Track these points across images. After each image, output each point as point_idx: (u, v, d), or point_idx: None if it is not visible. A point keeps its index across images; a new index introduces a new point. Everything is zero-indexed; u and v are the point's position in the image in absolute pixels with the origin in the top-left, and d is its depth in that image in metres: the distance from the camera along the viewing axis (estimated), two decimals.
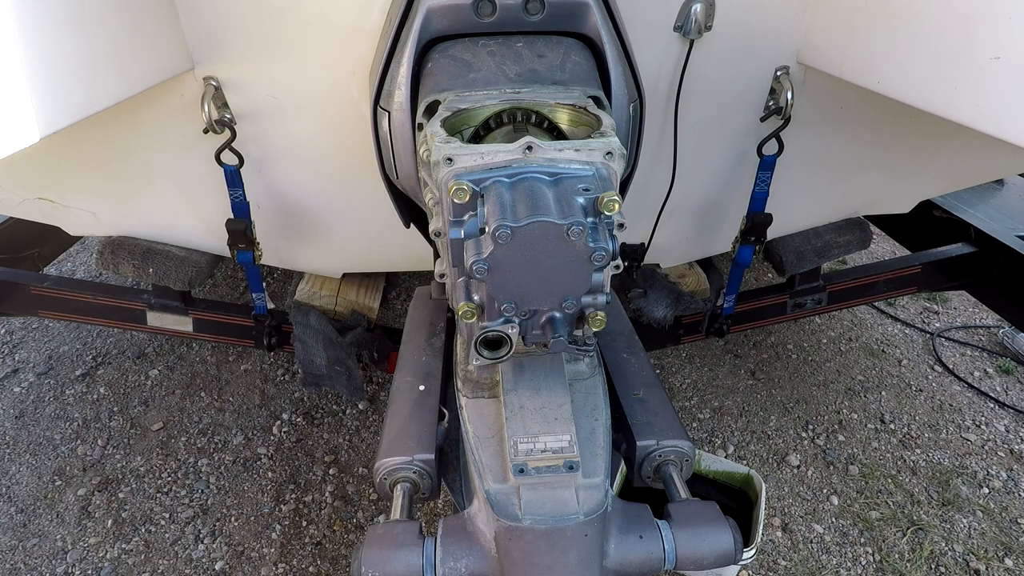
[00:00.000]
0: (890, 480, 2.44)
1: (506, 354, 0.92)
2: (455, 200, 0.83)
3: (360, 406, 2.72)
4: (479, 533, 0.91)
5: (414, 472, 1.05)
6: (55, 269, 3.57)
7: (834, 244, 2.19)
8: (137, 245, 1.98)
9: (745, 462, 2.43)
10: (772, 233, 2.01)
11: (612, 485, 0.96)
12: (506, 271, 0.81)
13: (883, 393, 2.85)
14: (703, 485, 2.08)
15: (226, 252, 1.89)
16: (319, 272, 2.27)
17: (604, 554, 0.91)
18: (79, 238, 2.74)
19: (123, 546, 2.17)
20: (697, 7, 1.48)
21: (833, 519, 2.29)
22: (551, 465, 0.90)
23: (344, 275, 2.28)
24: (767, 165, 1.78)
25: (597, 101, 1.04)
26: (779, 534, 2.24)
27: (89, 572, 2.10)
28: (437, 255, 1.09)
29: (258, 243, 1.86)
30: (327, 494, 2.35)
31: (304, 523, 2.25)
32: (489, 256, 0.80)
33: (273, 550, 2.16)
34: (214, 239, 1.94)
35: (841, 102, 1.73)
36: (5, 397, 2.76)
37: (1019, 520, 2.29)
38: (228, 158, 1.64)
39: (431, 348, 1.31)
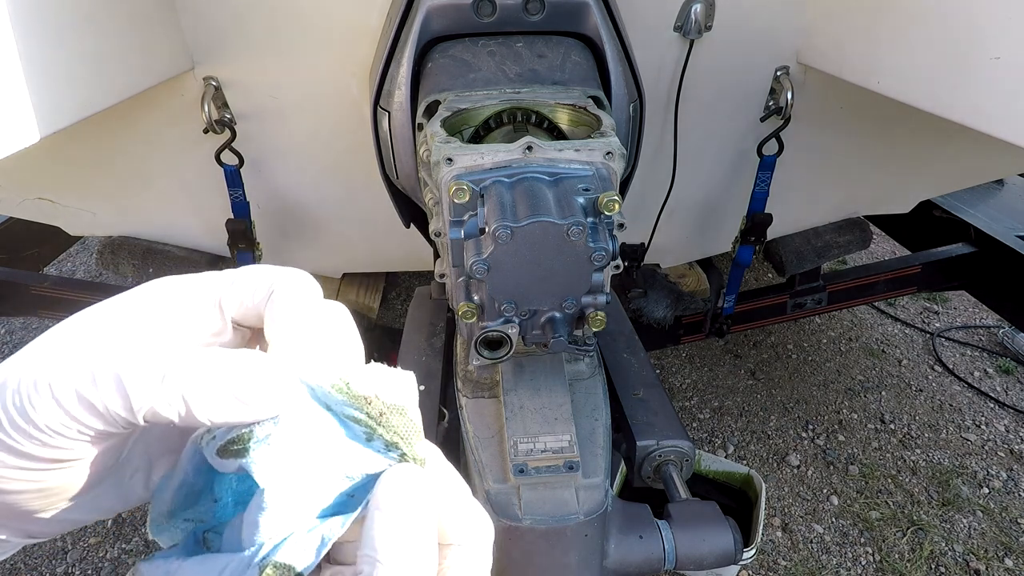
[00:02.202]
0: (890, 480, 2.44)
1: (506, 354, 0.92)
2: (455, 200, 0.83)
3: None
4: None
5: None
6: (55, 269, 3.57)
7: (834, 244, 2.19)
8: (137, 245, 1.98)
9: (745, 462, 2.43)
10: (772, 233, 2.01)
11: (612, 485, 0.96)
12: (506, 271, 0.81)
13: (883, 393, 2.85)
14: (703, 485, 2.08)
15: (226, 252, 1.89)
16: (319, 272, 2.27)
17: (604, 554, 0.91)
18: (79, 238, 2.74)
19: (123, 546, 2.17)
20: (697, 7, 1.48)
21: (833, 519, 2.29)
22: (551, 465, 0.90)
23: (344, 275, 2.29)
24: (767, 165, 1.79)
25: (597, 101, 1.04)
26: (779, 534, 2.24)
27: (89, 572, 2.10)
28: (437, 255, 1.09)
29: (258, 243, 1.86)
30: None
31: None
32: (489, 256, 0.80)
33: None
34: (214, 239, 1.94)
35: (841, 102, 1.73)
36: None
37: (1019, 520, 2.29)
38: (228, 158, 1.64)
39: (431, 348, 1.31)
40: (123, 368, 0.30)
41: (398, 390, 0.33)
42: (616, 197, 0.81)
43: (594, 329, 0.91)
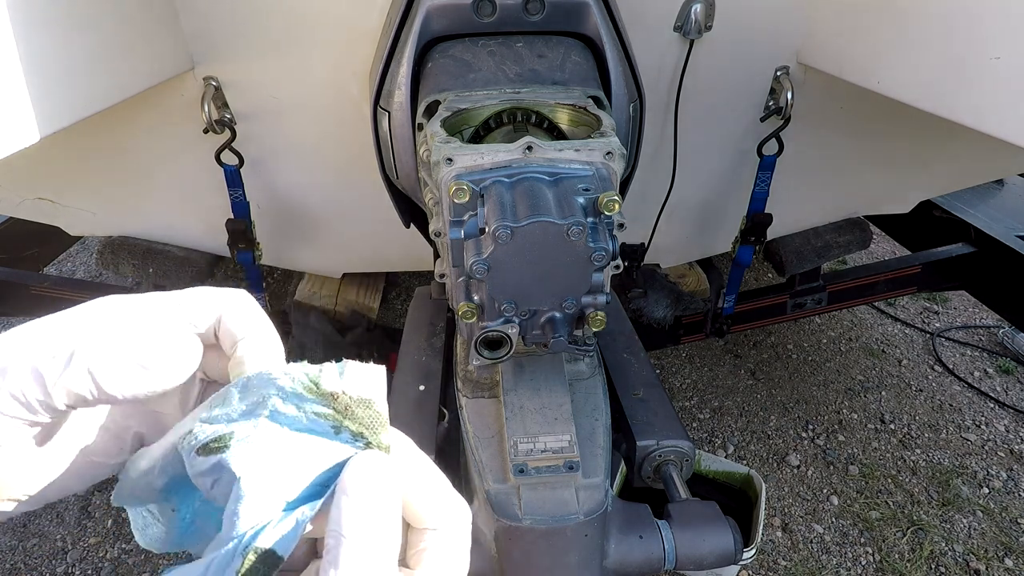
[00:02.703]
0: (890, 480, 2.44)
1: (506, 354, 0.92)
2: (455, 200, 0.83)
3: None
4: (479, 533, 0.91)
5: None
6: (55, 269, 3.57)
7: (834, 244, 2.19)
8: (137, 245, 1.98)
9: (745, 462, 2.43)
10: (772, 233, 2.01)
11: (612, 485, 0.96)
12: (506, 271, 0.81)
13: (883, 393, 2.85)
14: (703, 485, 2.08)
15: (226, 252, 1.89)
16: (319, 272, 2.27)
17: (604, 554, 0.91)
18: (79, 238, 2.74)
19: (123, 546, 2.17)
20: (697, 7, 1.48)
21: (833, 519, 2.29)
22: (551, 465, 0.90)
23: (344, 275, 2.29)
24: (767, 165, 1.79)
25: (597, 101, 1.04)
26: (779, 534, 2.24)
27: (89, 572, 2.10)
28: (437, 255, 1.09)
29: (258, 243, 1.86)
30: None
31: None
32: (489, 256, 0.80)
33: None
34: (214, 239, 1.94)
35: (841, 102, 1.73)
36: None
37: (1019, 520, 2.29)
38: (228, 158, 1.64)
39: (431, 348, 1.31)
40: (35, 355, 0.32)
41: (366, 384, 0.36)
42: (616, 197, 0.81)
43: (594, 329, 0.91)
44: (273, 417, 0.35)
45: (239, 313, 0.38)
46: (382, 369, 0.37)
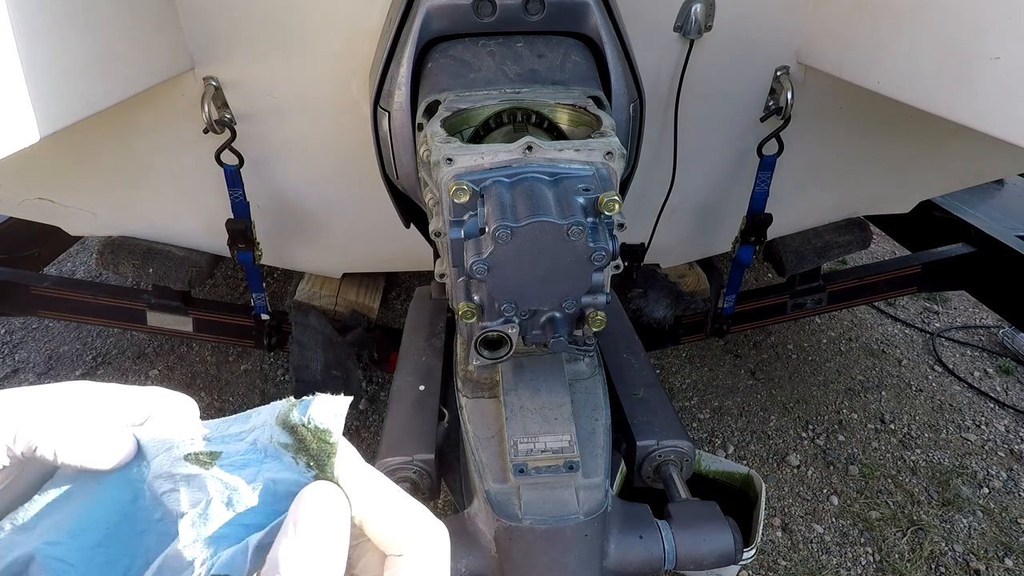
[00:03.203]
0: (890, 480, 2.44)
1: (506, 354, 0.92)
2: (455, 200, 0.83)
3: (360, 406, 2.72)
4: (479, 533, 0.91)
5: (414, 472, 1.05)
6: (55, 269, 3.57)
7: (834, 244, 2.19)
8: (137, 245, 1.98)
9: (745, 462, 2.42)
10: (772, 233, 2.01)
11: (612, 485, 0.96)
12: (506, 271, 0.81)
13: (883, 393, 2.85)
14: (703, 485, 2.08)
15: (226, 252, 1.89)
16: (319, 272, 2.27)
17: (604, 554, 0.91)
18: (79, 238, 2.74)
19: None
20: (697, 7, 1.48)
21: (833, 519, 2.29)
22: (551, 465, 0.90)
23: (344, 275, 2.29)
24: (767, 165, 1.79)
25: (597, 101, 1.04)
26: (779, 534, 2.24)
27: None
28: (437, 255, 1.09)
29: (258, 243, 1.86)
30: None
31: None
32: (489, 256, 0.80)
33: None
34: (214, 239, 1.94)
35: (841, 102, 1.73)
36: None
37: (1019, 520, 2.29)
38: (228, 158, 1.64)
39: (431, 348, 1.31)
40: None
41: (326, 416, 0.38)
42: (616, 197, 0.81)
43: (594, 329, 0.91)
44: (252, 446, 0.38)
45: (165, 418, 0.43)
46: (346, 401, 0.39)
